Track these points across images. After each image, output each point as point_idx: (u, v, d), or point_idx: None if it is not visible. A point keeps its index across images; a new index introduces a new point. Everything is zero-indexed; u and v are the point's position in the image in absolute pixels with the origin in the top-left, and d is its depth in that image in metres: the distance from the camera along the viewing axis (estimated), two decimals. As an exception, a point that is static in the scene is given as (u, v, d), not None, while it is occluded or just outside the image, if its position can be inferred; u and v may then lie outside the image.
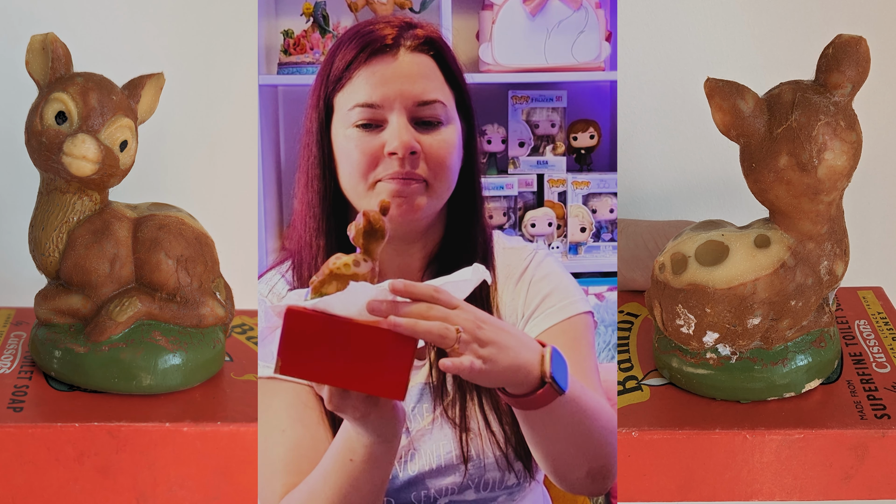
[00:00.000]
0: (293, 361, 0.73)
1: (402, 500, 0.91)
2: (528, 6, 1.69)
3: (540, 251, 0.97)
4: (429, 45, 0.90)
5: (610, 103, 1.83)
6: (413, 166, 0.88)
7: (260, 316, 0.86)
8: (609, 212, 1.77)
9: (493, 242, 0.96)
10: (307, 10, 1.72)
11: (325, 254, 0.90)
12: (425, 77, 0.89)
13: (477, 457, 0.91)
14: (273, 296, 0.92)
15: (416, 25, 0.91)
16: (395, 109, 0.88)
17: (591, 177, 1.76)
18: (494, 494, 0.92)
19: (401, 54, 0.89)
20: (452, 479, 0.91)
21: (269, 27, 1.75)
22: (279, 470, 0.87)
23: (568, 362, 0.80)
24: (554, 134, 1.80)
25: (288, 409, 0.88)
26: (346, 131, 0.89)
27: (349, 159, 0.89)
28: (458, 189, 0.92)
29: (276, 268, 0.95)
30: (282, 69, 1.71)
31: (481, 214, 0.94)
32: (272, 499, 0.86)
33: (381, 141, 0.88)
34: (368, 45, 0.89)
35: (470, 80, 0.94)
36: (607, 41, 1.73)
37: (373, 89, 0.88)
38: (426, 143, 0.89)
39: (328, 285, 0.75)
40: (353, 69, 0.89)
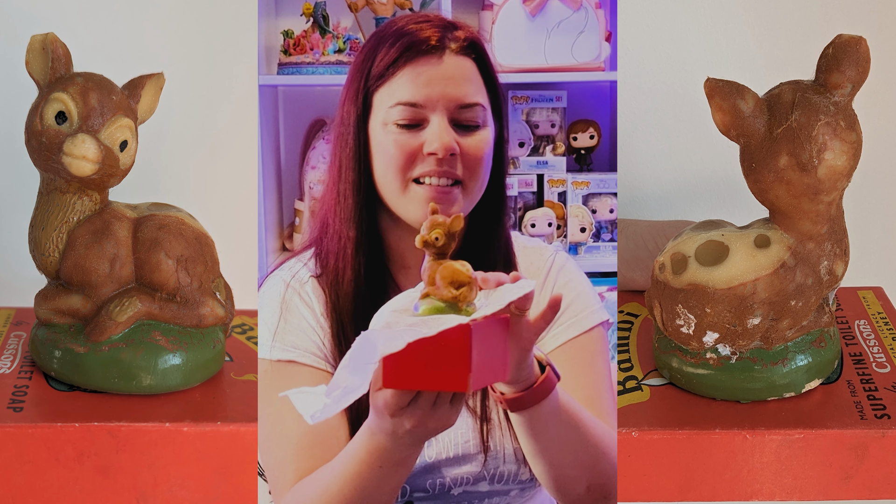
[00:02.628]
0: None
1: (418, 486, 0.91)
2: (528, 6, 1.69)
3: (559, 254, 0.97)
4: (471, 48, 0.91)
5: (610, 103, 1.83)
6: (450, 167, 0.89)
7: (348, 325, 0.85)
8: (609, 212, 1.76)
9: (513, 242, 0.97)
10: (307, 10, 1.72)
11: (354, 245, 0.90)
12: (468, 80, 0.90)
13: (495, 448, 0.91)
14: (296, 281, 0.92)
15: (458, 26, 0.91)
16: (437, 111, 0.89)
17: (591, 177, 1.76)
18: (507, 488, 0.92)
19: (446, 56, 0.90)
20: (469, 468, 0.91)
21: (269, 27, 1.75)
22: (292, 454, 0.87)
23: (582, 385, 0.83)
24: (554, 134, 1.80)
25: None
26: (385, 128, 0.89)
27: (386, 156, 0.89)
28: (487, 191, 0.92)
29: (297, 256, 0.95)
30: (282, 69, 1.71)
31: (507, 216, 0.95)
32: (283, 482, 0.86)
33: (420, 140, 0.89)
34: (413, 45, 0.89)
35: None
36: (607, 41, 1.73)
37: (417, 89, 0.89)
38: (464, 145, 0.89)
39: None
40: (397, 67, 0.89)
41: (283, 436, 0.88)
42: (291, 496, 0.85)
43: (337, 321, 0.90)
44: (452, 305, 0.76)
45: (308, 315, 0.91)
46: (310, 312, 0.91)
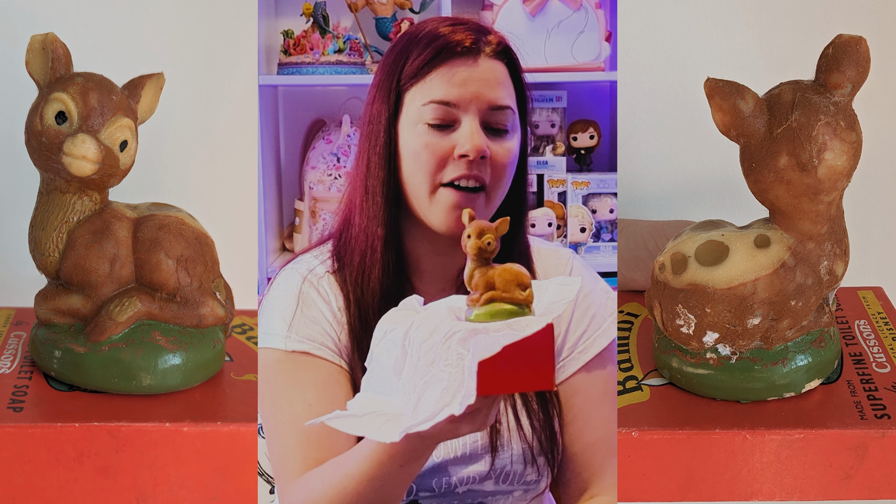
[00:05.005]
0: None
1: (424, 485, 0.91)
2: (527, 6, 1.69)
3: (576, 262, 0.97)
4: (504, 53, 0.92)
5: (610, 103, 1.83)
6: (480, 170, 0.89)
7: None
8: (609, 212, 1.77)
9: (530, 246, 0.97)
10: (307, 10, 1.72)
11: (383, 243, 0.91)
12: (501, 84, 0.91)
13: (503, 448, 0.91)
14: (313, 276, 0.92)
15: (490, 31, 0.92)
16: (470, 112, 0.89)
17: (591, 177, 1.76)
18: (511, 488, 0.92)
19: (481, 59, 0.90)
20: (476, 467, 0.91)
21: (269, 27, 1.75)
22: (300, 442, 0.87)
23: (592, 420, 0.91)
24: (554, 134, 1.80)
25: (317, 384, 0.89)
26: (415, 127, 0.89)
27: (417, 158, 0.89)
28: (509, 195, 0.93)
29: (311, 251, 0.95)
30: (282, 69, 1.71)
31: (526, 222, 0.95)
32: (290, 472, 0.86)
33: (451, 142, 0.89)
34: (448, 46, 0.90)
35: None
36: (607, 41, 1.73)
37: (451, 88, 0.89)
38: (493, 150, 0.90)
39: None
40: (433, 67, 0.90)
41: (292, 425, 0.88)
42: (299, 487, 0.85)
43: (358, 318, 0.90)
44: (522, 307, 0.77)
45: (325, 309, 0.91)
46: (327, 307, 0.91)
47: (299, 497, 0.84)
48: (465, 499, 0.92)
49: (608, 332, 0.95)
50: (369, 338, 0.83)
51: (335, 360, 0.90)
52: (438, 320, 0.78)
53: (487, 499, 0.92)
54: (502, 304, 0.77)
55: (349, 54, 1.69)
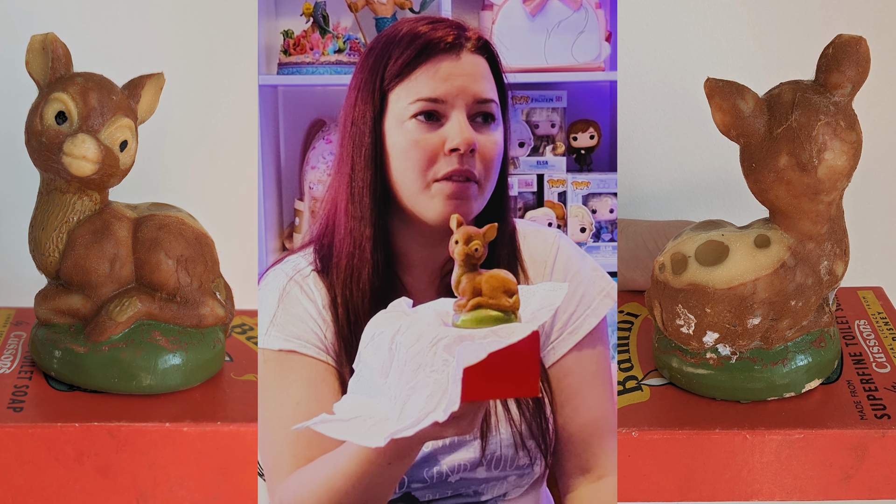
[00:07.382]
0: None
1: (416, 476, 0.92)
2: (528, 6, 1.69)
3: (562, 242, 0.97)
4: (484, 48, 0.92)
5: (610, 103, 1.83)
6: (470, 164, 0.89)
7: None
8: (609, 212, 1.76)
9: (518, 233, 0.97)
10: (307, 10, 1.72)
11: (371, 244, 0.91)
12: (484, 77, 0.91)
13: (492, 432, 0.92)
14: (298, 275, 0.92)
15: (467, 27, 0.93)
16: (457, 106, 0.90)
17: (591, 177, 1.76)
18: (505, 474, 0.93)
19: (463, 54, 0.91)
20: (465, 454, 0.92)
21: (269, 27, 1.75)
22: (291, 441, 0.87)
23: (587, 400, 0.91)
24: (554, 134, 1.80)
25: (305, 383, 0.89)
26: (403, 125, 0.90)
27: (406, 155, 0.90)
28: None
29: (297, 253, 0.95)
30: (282, 69, 1.71)
31: (510, 211, 0.96)
32: (280, 470, 0.87)
33: (440, 137, 0.90)
34: (430, 44, 0.90)
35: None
36: (607, 41, 1.73)
37: (437, 84, 0.90)
38: (481, 142, 0.90)
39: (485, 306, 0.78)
40: (417, 65, 0.90)
41: (281, 424, 0.88)
42: (289, 485, 0.86)
43: (347, 319, 0.91)
44: (509, 314, 0.77)
45: (310, 307, 0.91)
46: (312, 305, 0.91)
47: (289, 495, 0.85)
48: (458, 488, 0.92)
49: (598, 311, 0.95)
50: (358, 339, 0.84)
51: (322, 358, 0.90)
52: (425, 325, 0.78)
53: (481, 486, 0.92)
54: (489, 311, 0.77)
55: (349, 54, 1.69)
